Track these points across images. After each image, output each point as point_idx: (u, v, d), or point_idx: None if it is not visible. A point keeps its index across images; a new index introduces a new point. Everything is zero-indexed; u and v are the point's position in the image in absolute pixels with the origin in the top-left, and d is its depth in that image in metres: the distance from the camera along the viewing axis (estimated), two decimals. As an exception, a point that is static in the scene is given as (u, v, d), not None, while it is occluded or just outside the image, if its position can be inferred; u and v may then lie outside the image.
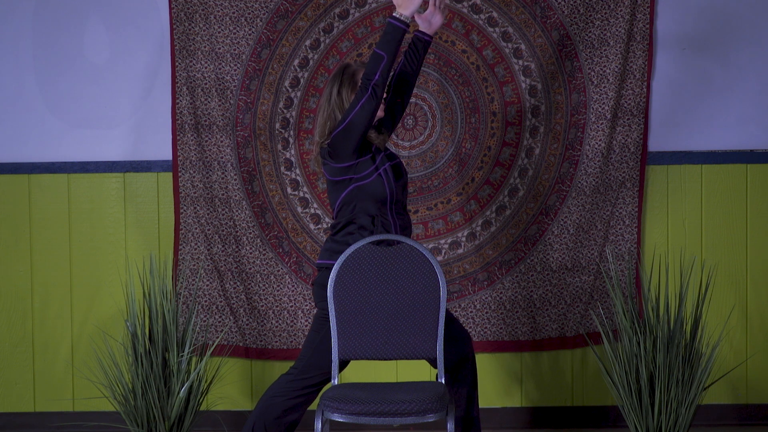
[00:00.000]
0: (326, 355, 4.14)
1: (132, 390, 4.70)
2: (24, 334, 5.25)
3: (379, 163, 4.19)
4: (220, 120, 5.16)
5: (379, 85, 4.09)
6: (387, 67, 4.09)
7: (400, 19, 4.12)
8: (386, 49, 4.10)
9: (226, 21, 5.13)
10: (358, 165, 4.17)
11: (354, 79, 4.21)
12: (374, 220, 4.17)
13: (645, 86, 5.14)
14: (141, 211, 5.24)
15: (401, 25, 4.11)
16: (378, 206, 4.17)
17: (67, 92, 5.23)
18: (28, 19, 5.21)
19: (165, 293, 4.70)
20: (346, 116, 4.12)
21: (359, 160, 4.17)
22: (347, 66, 4.24)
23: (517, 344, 5.20)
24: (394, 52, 4.10)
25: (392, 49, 4.10)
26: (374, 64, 4.09)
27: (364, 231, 4.16)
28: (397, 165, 4.27)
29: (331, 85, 4.23)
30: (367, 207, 4.17)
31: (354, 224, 4.18)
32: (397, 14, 4.12)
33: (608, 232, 5.17)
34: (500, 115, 5.15)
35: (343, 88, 4.20)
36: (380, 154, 4.22)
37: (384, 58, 4.09)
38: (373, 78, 4.08)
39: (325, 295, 4.13)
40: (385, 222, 4.18)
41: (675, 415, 4.59)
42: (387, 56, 4.09)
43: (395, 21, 4.11)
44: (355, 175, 4.17)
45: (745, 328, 5.22)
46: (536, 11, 5.11)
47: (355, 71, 4.22)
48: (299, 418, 4.23)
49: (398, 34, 4.11)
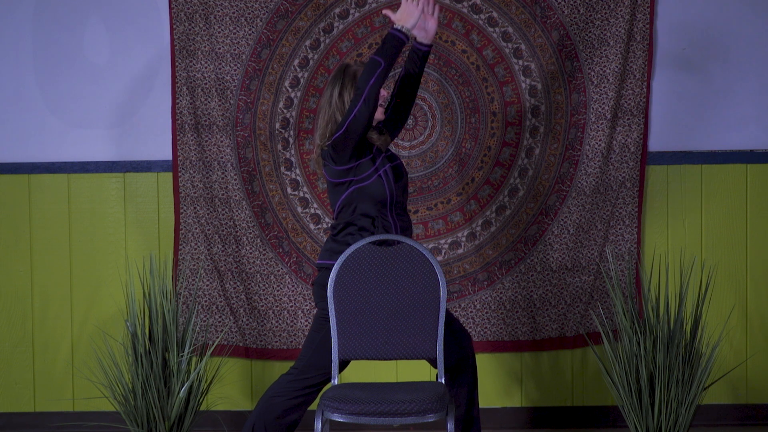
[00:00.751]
0: (326, 355, 4.14)
1: (132, 390, 4.70)
2: (24, 334, 5.25)
3: (379, 164, 4.19)
4: (220, 120, 5.16)
5: (373, 91, 4.08)
6: (383, 73, 4.08)
7: (401, 30, 4.11)
8: (384, 57, 4.09)
9: (226, 21, 5.13)
10: (359, 167, 4.17)
11: (355, 79, 4.20)
12: (374, 222, 4.17)
13: (645, 86, 5.14)
14: (141, 211, 5.24)
15: (402, 36, 4.11)
16: (378, 207, 4.17)
17: (67, 92, 5.23)
18: (28, 19, 5.21)
19: (165, 293, 4.70)
20: (344, 121, 4.12)
21: (359, 162, 4.17)
22: (347, 67, 4.23)
23: (517, 344, 5.20)
24: (391, 60, 4.09)
25: (390, 58, 4.09)
26: (370, 71, 4.08)
27: (365, 232, 4.16)
28: (397, 166, 4.26)
29: (331, 87, 4.22)
30: (368, 208, 4.17)
31: (354, 225, 4.18)
32: (399, 26, 4.12)
33: (608, 232, 5.17)
34: (500, 115, 5.15)
35: (345, 90, 4.19)
36: (381, 155, 4.22)
37: (381, 64, 4.08)
38: (366, 85, 4.08)
39: (325, 295, 4.13)
40: (386, 223, 4.18)
41: (675, 415, 4.59)
42: (384, 63, 4.08)
43: (396, 32, 4.11)
44: (355, 176, 4.17)
45: (745, 328, 5.22)
46: (536, 11, 5.11)
47: (355, 71, 4.21)
48: (299, 418, 4.22)
49: (398, 44, 4.11)
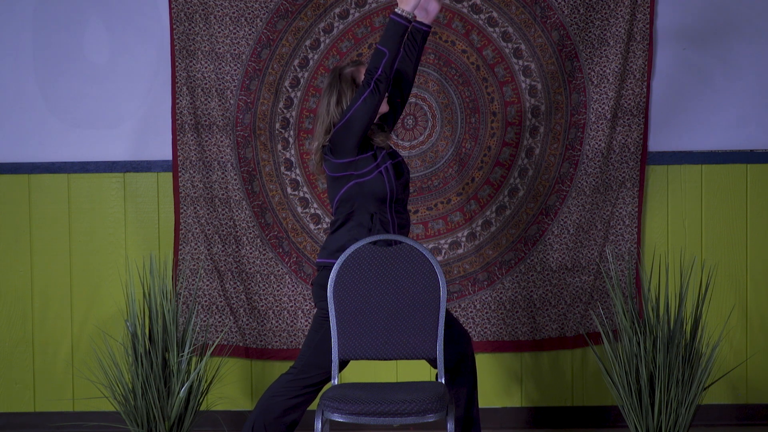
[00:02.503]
0: (326, 355, 4.14)
1: (132, 390, 4.70)
2: (24, 334, 5.25)
3: (380, 160, 4.18)
4: (220, 120, 5.16)
5: (382, 80, 4.08)
6: (390, 62, 4.08)
7: (401, 14, 4.11)
8: (388, 44, 4.09)
9: (226, 21, 5.13)
10: (359, 161, 4.17)
11: (353, 83, 4.19)
12: (372, 218, 4.17)
13: (645, 86, 5.14)
14: (141, 211, 5.24)
15: (402, 21, 4.10)
16: (378, 204, 4.16)
17: (67, 92, 5.23)
18: (28, 19, 5.21)
19: (165, 293, 4.70)
20: (347, 111, 4.11)
21: (360, 157, 4.16)
22: (341, 72, 4.21)
23: (517, 344, 5.20)
24: (396, 47, 4.09)
25: (394, 45, 4.09)
26: (377, 60, 4.09)
27: (362, 228, 4.15)
28: (399, 163, 4.26)
29: (328, 95, 4.20)
30: (367, 204, 4.16)
31: (352, 221, 4.18)
32: (399, 10, 4.12)
33: (608, 232, 5.17)
34: (500, 115, 5.15)
35: (342, 97, 4.19)
36: (382, 152, 4.21)
37: (386, 54, 4.08)
38: (375, 73, 4.08)
39: (324, 295, 4.13)
40: (384, 220, 4.17)
41: (675, 415, 4.59)
42: (389, 52, 4.09)
43: (396, 17, 4.11)
44: (356, 171, 4.17)
45: (745, 328, 5.22)
46: (536, 11, 5.11)
47: (351, 74, 4.20)
48: (299, 417, 4.22)
49: (400, 29, 4.10)
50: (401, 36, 4.10)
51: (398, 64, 4.33)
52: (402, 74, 4.35)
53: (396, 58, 4.10)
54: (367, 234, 4.14)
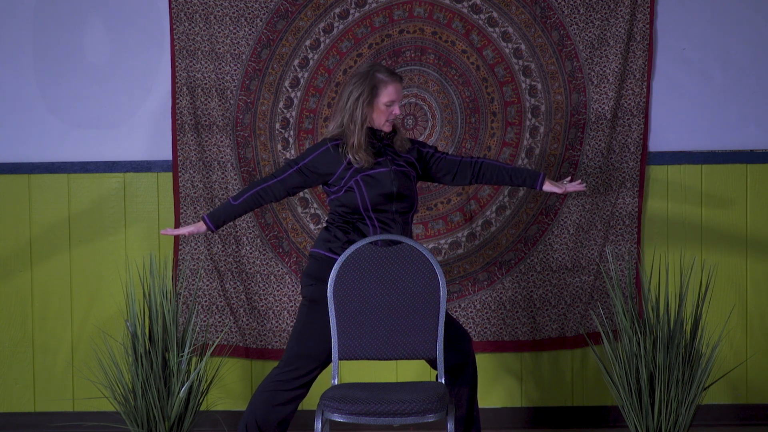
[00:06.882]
0: (310, 344, 4.15)
1: (132, 390, 4.70)
2: (24, 335, 5.25)
3: (348, 178, 4.21)
4: (220, 120, 5.16)
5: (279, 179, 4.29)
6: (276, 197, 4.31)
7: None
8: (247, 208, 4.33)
9: (226, 21, 5.13)
10: (331, 183, 4.27)
11: (373, 89, 4.22)
12: (353, 225, 4.23)
13: (645, 86, 5.14)
14: (141, 211, 5.24)
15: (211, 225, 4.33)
16: (353, 214, 4.23)
17: (67, 92, 5.23)
18: (29, 20, 5.21)
19: (165, 293, 4.70)
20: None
21: (333, 178, 4.25)
22: (374, 74, 4.25)
23: (517, 344, 5.20)
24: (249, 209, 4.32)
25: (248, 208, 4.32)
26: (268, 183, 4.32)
27: (342, 232, 4.25)
28: (383, 173, 4.23)
29: (351, 86, 4.25)
30: (345, 214, 4.26)
31: (335, 223, 4.28)
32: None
33: (608, 232, 5.17)
34: (500, 115, 5.15)
35: (361, 97, 4.22)
36: (351, 168, 4.22)
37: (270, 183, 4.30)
38: (285, 172, 4.28)
39: (310, 284, 4.17)
40: (363, 227, 4.22)
41: (675, 415, 4.59)
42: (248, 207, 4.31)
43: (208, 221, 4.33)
44: (329, 189, 4.28)
45: (745, 328, 5.22)
46: (536, 11, 5.11)
47: (378, 82, 4.23)
48: (292, 412, 4.22)
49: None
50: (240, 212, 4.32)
51: (482, 171, 4.39)
52: (464, 172, 4.41)
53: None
54: (345, 237, 4.18)
